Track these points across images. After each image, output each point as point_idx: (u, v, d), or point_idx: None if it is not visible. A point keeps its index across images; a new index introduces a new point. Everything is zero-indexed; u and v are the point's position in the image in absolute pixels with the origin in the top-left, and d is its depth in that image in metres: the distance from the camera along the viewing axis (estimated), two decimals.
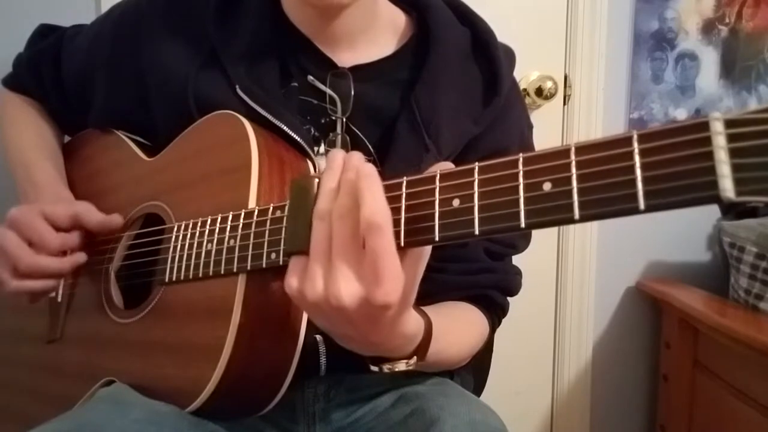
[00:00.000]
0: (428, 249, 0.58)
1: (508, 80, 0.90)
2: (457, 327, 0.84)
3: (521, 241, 0.95)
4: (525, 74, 1.73)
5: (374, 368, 0.68)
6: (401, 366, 0.67)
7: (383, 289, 0.52)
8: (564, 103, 1.78)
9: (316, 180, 0.59)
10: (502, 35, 0.95)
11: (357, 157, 0.57)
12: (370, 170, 0.55)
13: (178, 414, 0.72)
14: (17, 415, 0.98)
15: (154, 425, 0.70)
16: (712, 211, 1.81)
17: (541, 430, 1.92)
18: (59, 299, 0.93)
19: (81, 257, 0.86)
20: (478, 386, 1.02)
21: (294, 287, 0.57)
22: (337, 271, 0.54)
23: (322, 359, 0.83)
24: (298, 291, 0.57)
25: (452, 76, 0.87)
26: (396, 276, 0.53)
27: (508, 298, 0.94)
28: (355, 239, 0.54)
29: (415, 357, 0.68)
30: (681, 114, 1.82)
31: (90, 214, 0.87)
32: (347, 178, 0.55)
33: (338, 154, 0.59)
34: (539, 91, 1.73)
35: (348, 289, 0.53)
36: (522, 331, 1.72)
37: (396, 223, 0.55)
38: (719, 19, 1.79)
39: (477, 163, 0.52)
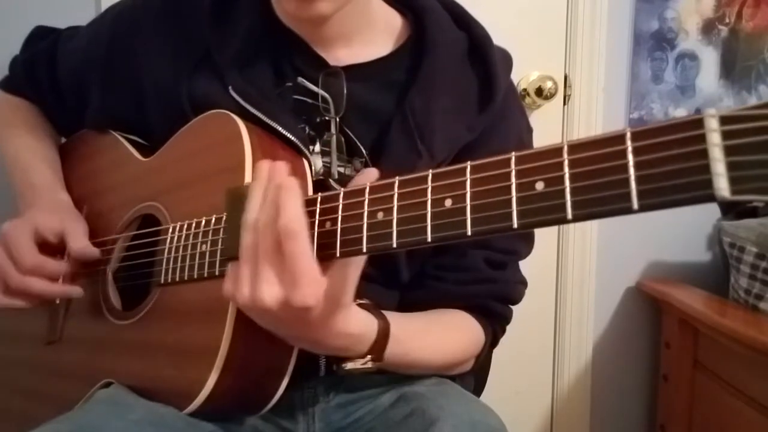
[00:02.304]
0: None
1: (503, 85, 0.89)
2: (436, 331, 0.85)
3: (522, 247, 0.93)
4: (525, 74, 1.73)
5: (334, 367, 0.72)
6: (351, 365, 0.71)
7: (300, 291, 0.57)
8: (564, 103, 1.78)
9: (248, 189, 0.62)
10: (502, 35, 0.94)
11: (280, 168, 0.61)
12: (291, 183, 0.59)
13: (177, 415, 0.72)
14: (17, 416, 0.98)
15: (152, 426, 0.70)
16: (712, 211, 1.81)
17: (541, 430, 1.92)
18: (58, 301, 0.93)
19: (77, 291, 0.86)
20: (478, 386, 1.02)
21: (228, 291, 0.61)
22: (261, 276, 0.58)
23: (322, 360, 0.84)
24: (231, 295, 0.61)
25: (447, 81, 0.87)
26: (312, 279, 0.57)
27: (511, 306, 0.93)
28: (278, 247, 0.57)
29: (369, 356, 0.71)
30: (681, 114, 1.82)
31: (74, 237, 0.87)
32: (271, 189, 0.59)
33: (264, 165, 0.62)
34: (539, 91, 1.73)
35: (269, 292, 0.58)
36: (522, 331, 1.71)
37: (388, 224, 0.55)
38: (719, 19, 1.79)
39: (469, 163, 0.52)
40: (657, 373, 1.85)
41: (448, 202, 0.52)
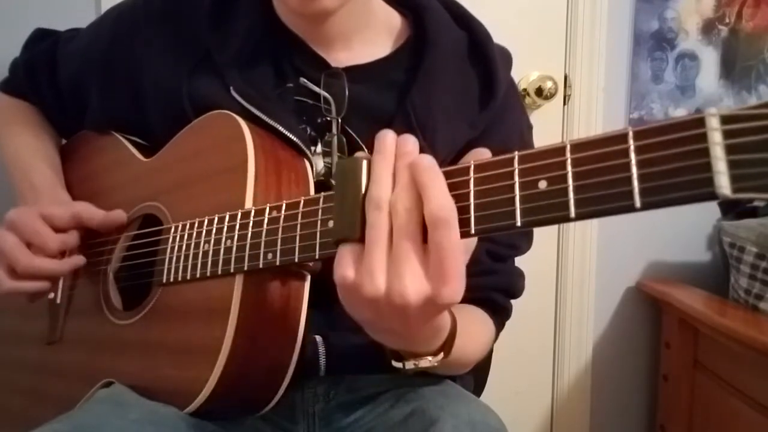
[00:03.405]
0: (472, 242, 0.57)
1: (504, 82, 0.90)
2: (474, 327, 0.84)
3: (523, 242, 0.94)
4: (525, 74, 1.73)
5: (397, 365, 0.66)
6: (425, 362, 0.65)
7: (450, 287, 0.51)
8: (564, 103, 1.78)
9: (365, 161, 0.55)
10: (502, 35, 0.94)
11: (412, 142, 0.55)
12: (430, 162, 0.53)
13: (177, 414, 0.72)
14: (17, 416, 0.98)
15: (152, 425, 0.70)
16: (712, 211, 1.81)
17: (541, 430, 1.92)
18: (58, 301, 0.93)
19: (80, 260, 0.87)
20: (478, 386, 1.02)
21: (349, 279, 0.53)
22: (402, 266, 0.51)
23: (322, 360, 0.83)
24: (354, 283, 0.53)
25: (448, 79, 0.87)
26: (462, 274, 0.51)
27: (511, 300, 0.93)
28: (419, 233, 0.51)
29: (441, 353, 0.66)
30: (681, 114, 1.82)
31: (90, 212, 0.87)
32: (405, 167, 0.53)
33: (388, 136, 0.56)
34: (539, 91, 1.73)
35: (415, 286, 0.51)
36: (522, 331, 1.72)
37: None
38: (719, 19, 1.79)
39: (472, 162, 0.52)
40: (657, 373, 1.85)
41: None
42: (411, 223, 0.51)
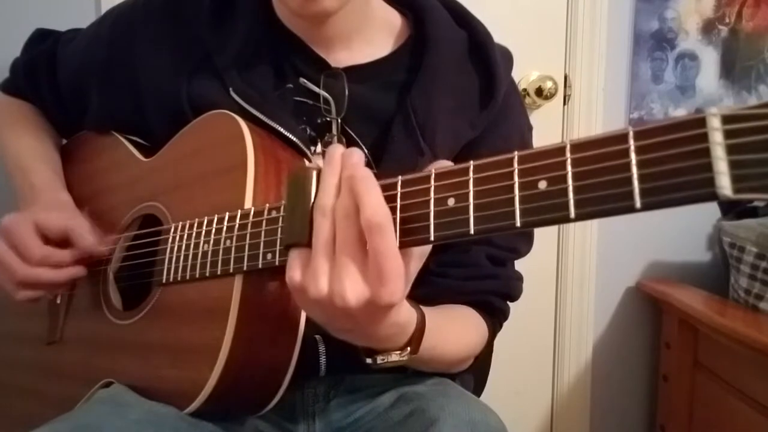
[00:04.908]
0: (426, 247, 0.58)
1: (505, 83, 0.90)
2: (454, 326, 0.84)
3: (523, 245, 0.94)
4: (525, 74, 1.73)
5: (368, 360, 0.68)
6: (394, 357, 0.67)
7: (388, 289, 0.53)
8: (564, 103, 1.78)
9: (315, 172, 0.58)
10: (502, 35, 0.94)
11: (357, 156, 0.57)
12: (366, 173, 0.55)
13: (177, 414, 0.72)
14: (17, 416, 0.98)
15: (152, 426, 0.70)
16: (712, 211, 1.81)
17: (541, 430, 1.92)
18: (58, 301, 0.93)
19: (80, 270, 0.86)
20: (478, 386, 1.02)
21: (296, 281, 0.57)
22: (343, 270, 0.54)
23: (322, 359, 0.83)
24: (300, 286, 0.56)
25: (448, 79, 0.87)
26: (399, 275, 0.53)
27: (509, 303, 0.93)
28: (359, 239, 0.54)
29: (408, 348, 0.67)
30: (681, 114, 1.81)
31: (82, 235, 0.85)
32: (347, 177, 0.55)
33: (337, 149, 0.58)
34: (539, 91, 1.73)
35: (354, 289, 0.54)
36: (522, 331, 1.72)
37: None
38: (719, 19, 1.79)
39: (472, 162, 0.52)
40: (657, 373, 1.85)
41: (451, 201, 0.52)
42: (351, 228, 0.54)
